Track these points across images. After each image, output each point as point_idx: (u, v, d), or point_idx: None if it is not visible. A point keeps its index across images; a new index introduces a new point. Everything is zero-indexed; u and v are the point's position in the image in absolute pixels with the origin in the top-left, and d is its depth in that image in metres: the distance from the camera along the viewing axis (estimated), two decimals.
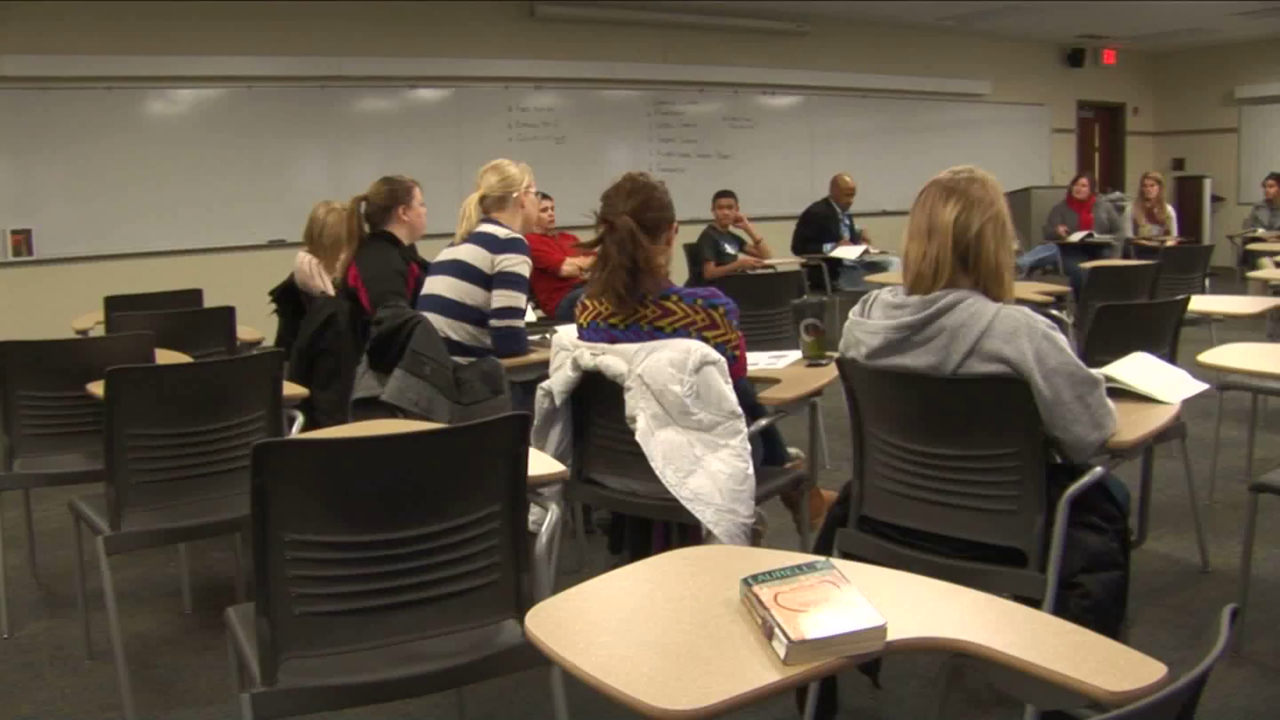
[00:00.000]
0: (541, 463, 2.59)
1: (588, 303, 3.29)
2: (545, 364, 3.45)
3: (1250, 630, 3.55)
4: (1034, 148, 14.20)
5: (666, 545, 3.29)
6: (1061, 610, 2.50)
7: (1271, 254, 8.69)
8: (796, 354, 3.96)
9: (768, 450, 3.54)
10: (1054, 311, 5.57)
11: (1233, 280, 10.38)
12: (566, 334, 3.35)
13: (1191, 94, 15.32)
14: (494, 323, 4.08)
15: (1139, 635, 3.40)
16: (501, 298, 4.07)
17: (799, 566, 1.68)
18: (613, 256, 3.15)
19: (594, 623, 1.66)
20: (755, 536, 3.14)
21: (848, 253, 9.40)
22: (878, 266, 9.15)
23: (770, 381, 3.55)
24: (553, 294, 6.44)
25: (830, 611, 1.56)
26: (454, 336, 4.07)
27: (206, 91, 8.81)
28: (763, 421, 3.36)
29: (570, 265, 6.53)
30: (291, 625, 2.14)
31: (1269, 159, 13.73)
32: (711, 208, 8.86)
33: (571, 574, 3.74)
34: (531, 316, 5.03)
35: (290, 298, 5.30)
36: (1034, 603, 2.50)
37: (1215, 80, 14.96)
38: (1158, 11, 11.87)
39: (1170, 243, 10.09)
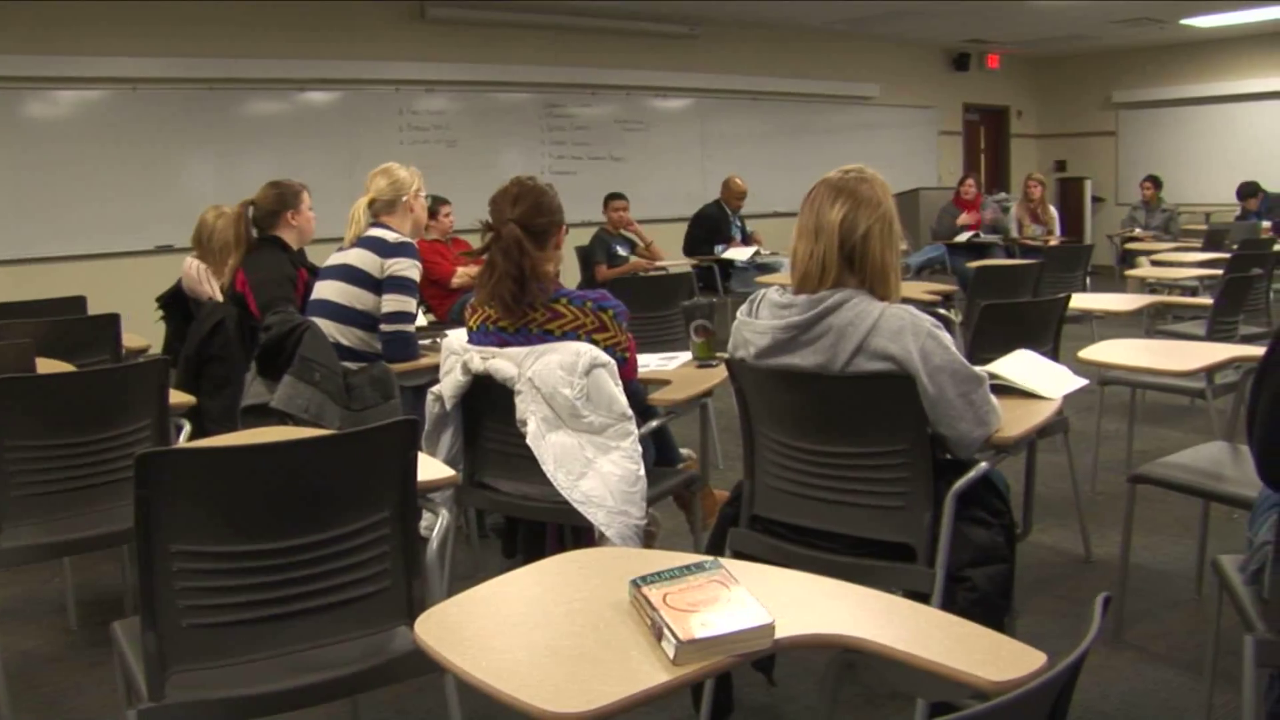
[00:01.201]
0: (432, 468, 2.58)
1: (477, 306, 3.27)
2: (436, 369, 3.43)
3: (1130, 617, 3.65)
4: (922, 149, 14.45)
5: (560, 548, 3.28)
6: (949, 604, 2.54)
7: (1148, 253, 8.98)
8: (687, 355, 3.99)
9: (660, 451, 3.55)
10: (941, 310, 5.67)
11: (1112, 278, 10.66)
12: (456, 338, 3.33)
13: (1072, 98, 15.76)
14: (384, 327, 4.04)
15: (1025, 625, 3.47)
16: (391, 302, 4.04)
17: (687, 567, 1.69)
18: (499, 265, 3.13)
19: (484, 627, 1.65)
20: (648, 538, 3.16)
21: (739, 254, 9.45)
22: (769, 268, 9.21)
23: (661, 383, 3.56)
24: (443, 300, 6.38)
25: (718, 611, 1.57)
26: (344, 342, 4.02)
27: (90, 93, 8.58)
28: (654, 423, 3.37)
29: (461, 276, 6.47)
30: (179, 638, 2.10)
31: (1145, 161, 14.19)
32: (603, 210, 8.86)
33: (466, 579, 3.68)
34: (422, 321, 4.99)
35: (178, 304, 5.20)
36: (923, 597, 2.54)
37: (1095, 85, 15.41)
38: (1040, 19, 12.15)
39: (1053, 242, 10.31)
